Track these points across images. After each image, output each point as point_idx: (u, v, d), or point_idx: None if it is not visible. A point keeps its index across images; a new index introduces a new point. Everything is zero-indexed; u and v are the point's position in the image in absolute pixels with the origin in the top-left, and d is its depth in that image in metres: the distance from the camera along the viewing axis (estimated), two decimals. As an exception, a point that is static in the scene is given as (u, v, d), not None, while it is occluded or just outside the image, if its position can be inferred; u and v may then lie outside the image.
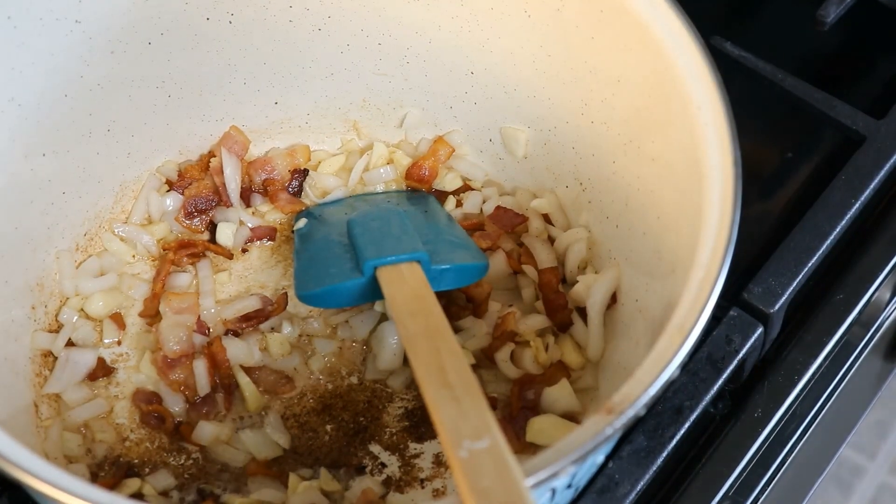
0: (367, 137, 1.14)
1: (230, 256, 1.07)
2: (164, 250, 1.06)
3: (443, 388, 0.78)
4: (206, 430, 0.95)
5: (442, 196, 1.11)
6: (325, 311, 1.02)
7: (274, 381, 0.99)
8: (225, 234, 1.07)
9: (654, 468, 0.84)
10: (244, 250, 1.08)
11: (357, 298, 0.97)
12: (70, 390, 0.97)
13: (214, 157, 1.09)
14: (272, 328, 1.02)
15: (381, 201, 1.09)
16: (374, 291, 0.95)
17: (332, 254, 1.00)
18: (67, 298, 1.02)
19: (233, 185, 1.08)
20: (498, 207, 1.07)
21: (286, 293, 1.03)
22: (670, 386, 0.73)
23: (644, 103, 0.92)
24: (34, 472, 0.69)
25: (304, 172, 1.11)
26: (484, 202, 1.09)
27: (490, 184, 1.11)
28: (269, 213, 1.10)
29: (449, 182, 1.10)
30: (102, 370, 0.99)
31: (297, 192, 1.10)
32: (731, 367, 0.90)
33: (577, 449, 0.68)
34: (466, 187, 1.11)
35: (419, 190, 1.11)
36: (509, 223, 1.06)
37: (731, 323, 0.92)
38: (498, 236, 1.05)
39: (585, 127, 1.00)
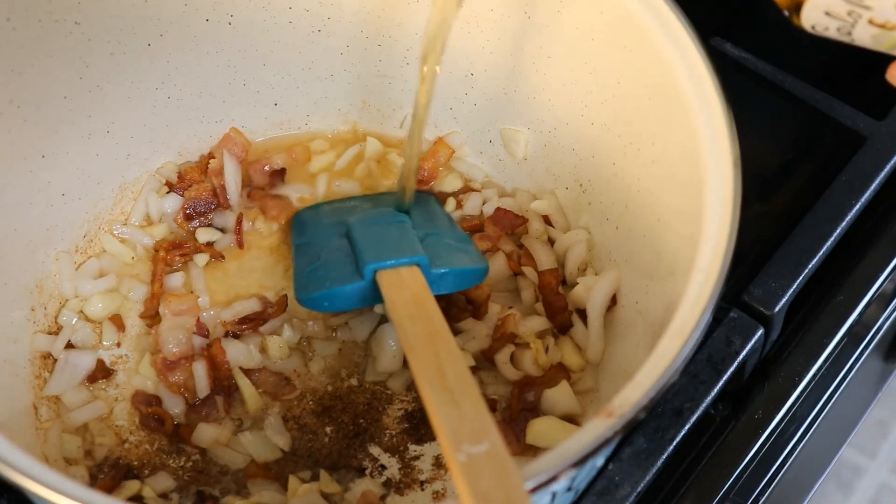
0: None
1: (222, 257, 1.06)
2: (155, 251, 1.06)
3: (442, 391, 0.78)
4: (206, 433, 0.95)
5: (442, 197, 1.10)
6: (325, 313, 1.02)
7: (274, 383, 0.98)
8: (222, 236, 1.07)
9: (655, 470, 0.84)
10: (242, 250, 1.07)
11: (357, 301, 0.97)
12: (69, 392, 0.97)
13: (214, 158, 1.09)
14: (272, 331, 1.02)
15: (381, 204, 1.09)
16: (374, 295, 0.95)
17: (331, 257, 1.00)
18: (67, 300, 1.02)
19: (232, 188, 1.08)
20: (498, 209, 1.07)
21: (286, 295, 1.03)
22: (670, 388, 0.73)
23: (644, 105, 0.91)
24: (32, 475, 0.69)
25: (282, 172, 1.10)
26: (484, 203, 1.09)
27: (490, 185, 1.11)
28: (268, 215, 1.09)
29: (449, 183, 1.10)
30: (102, 372, 0.99)
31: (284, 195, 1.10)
32: (732, 369, 0.90)
33: (578, 452, 0.68)
34: (467, 188, 1.11)
35: (420, 191, 1.11)
36: (509, 224, 1.05)
37: (731, 324, 0.92)
38: (498, 238, 1.05)
39: (585, 128, 1.00)
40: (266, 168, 1.10)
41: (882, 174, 1.02)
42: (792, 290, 0.94)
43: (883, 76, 0.81)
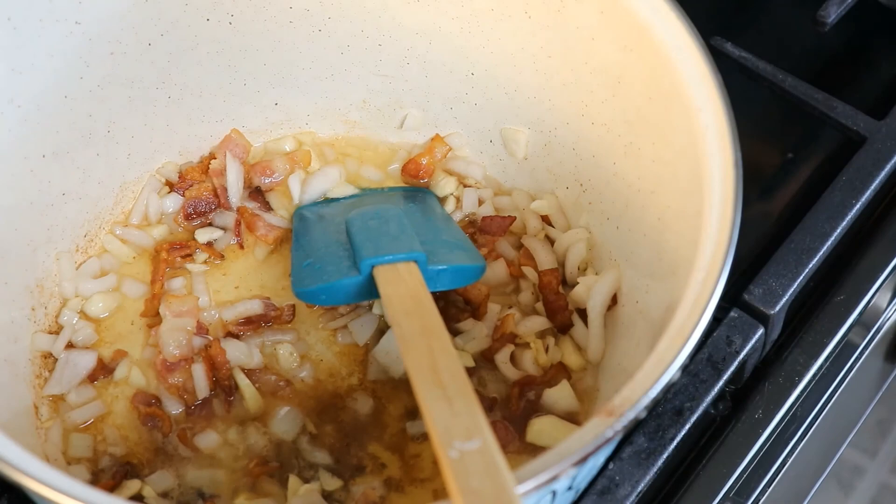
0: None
1: (221, 257, 1.06)
2: (155, 251, 1.06)
3: (435, 387, 0.78)
4: (206, 434, 0.95)
5: (441, 198, 1.10)
6: (325, 314, 1.02)
7: (274, 383, 0.98)
8: (221, 236, 1.07)
9: (655, 469, 0.84)
10: (243, 250, 1.07)
11: (354, 296, 0.97)
12: (70, 392, 0.97)
13: (215, 158, 1.09)
14: (278, 340, 1.01)
15: (380, 200, 1.09)
16: (370, 290, 0.95)
17: (329, 251, 1.00)
18: (67, 300, 1.02)
19: (234, 189, 1.07)
20: (484, 218, 1.07)
21: (294, 305, 1.03)
22: (671, 387, 0.73)
23: (644, 104, 0.91)
24: (33, 474, 0.69)
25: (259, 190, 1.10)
26: (480, 204, 1.09)
27: (487, 183, 1.11)
28: (268, 215, 1.09)
29: (443, 187, 1.10)
30: (102, 371, 0.99)
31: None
32: (732, 369, 0.90)
33: (578, 451, 0.68)
34: (461, 185, 1.11)
35: (419, 188, 1.11)
36: (499, 229, 1.06)
37: (731, 324, 0.92)
38: (492, 244, 1.05)
39: (586, 128, 1.00)
40: (268, 171, 1.10)
41: (882, 174, 1.02)
42: (792, 289, 0.94)
43: (883, 76, 0.81)
